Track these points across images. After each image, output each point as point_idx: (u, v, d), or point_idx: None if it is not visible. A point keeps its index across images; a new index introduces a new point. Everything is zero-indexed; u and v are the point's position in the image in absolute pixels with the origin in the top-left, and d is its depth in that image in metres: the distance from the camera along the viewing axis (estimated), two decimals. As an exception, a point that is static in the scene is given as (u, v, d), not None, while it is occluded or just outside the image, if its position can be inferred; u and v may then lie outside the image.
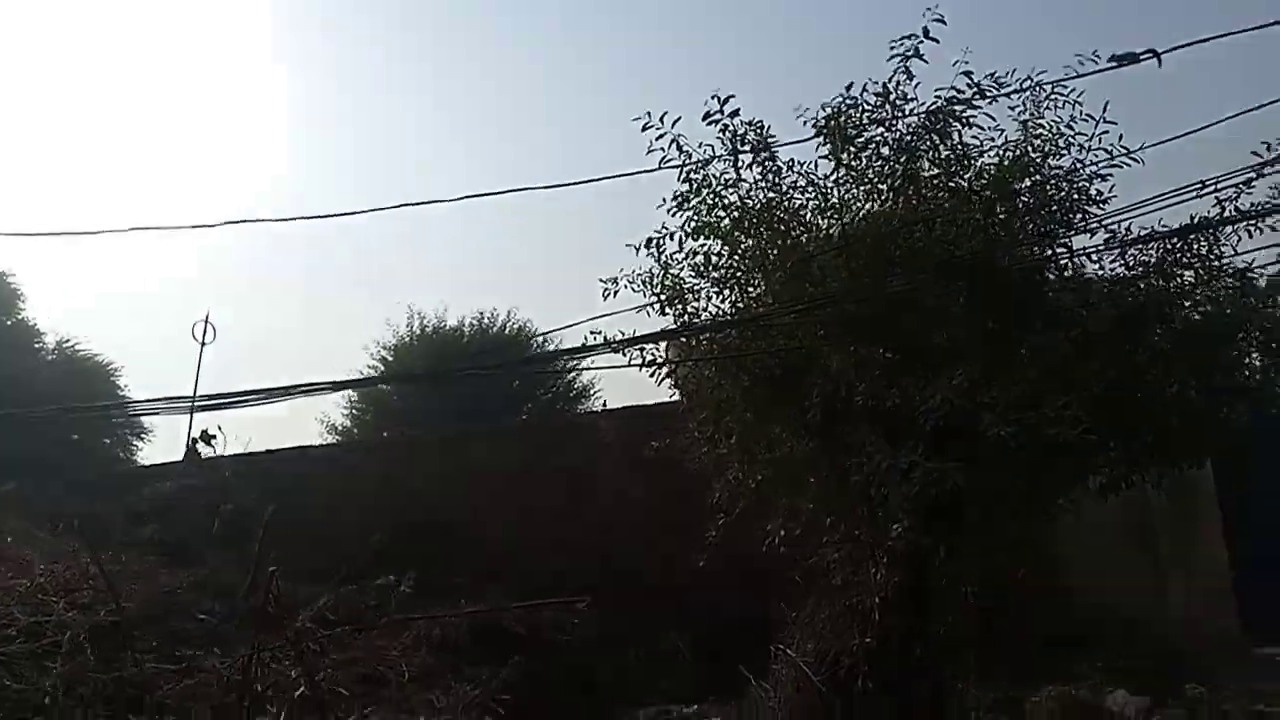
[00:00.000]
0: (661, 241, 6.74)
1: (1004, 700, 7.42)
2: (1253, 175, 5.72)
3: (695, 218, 6.62)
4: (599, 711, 8.17)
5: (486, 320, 20.09)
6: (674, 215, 6.71)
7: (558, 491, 11.83)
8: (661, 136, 6.46)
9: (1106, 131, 6.20)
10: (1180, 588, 10.01)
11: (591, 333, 6.98)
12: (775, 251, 6.69)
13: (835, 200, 6.50)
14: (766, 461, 6.72)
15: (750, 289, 7.01)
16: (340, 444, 18.01)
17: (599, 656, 9.52)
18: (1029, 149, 6.42)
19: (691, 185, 6.55)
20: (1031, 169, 6.36)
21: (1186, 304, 6.39)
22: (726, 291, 7.02)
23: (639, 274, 6.94)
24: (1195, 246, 6.05)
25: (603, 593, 10.76)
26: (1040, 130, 6.43)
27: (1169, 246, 6.07)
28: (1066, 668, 8.41)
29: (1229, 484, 10.22)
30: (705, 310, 7.04)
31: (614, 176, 6.55)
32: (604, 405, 16.87)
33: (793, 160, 6.50)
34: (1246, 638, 9.84)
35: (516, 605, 9.02)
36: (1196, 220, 5.93)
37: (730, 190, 6.57)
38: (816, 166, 6.50)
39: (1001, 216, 6.36)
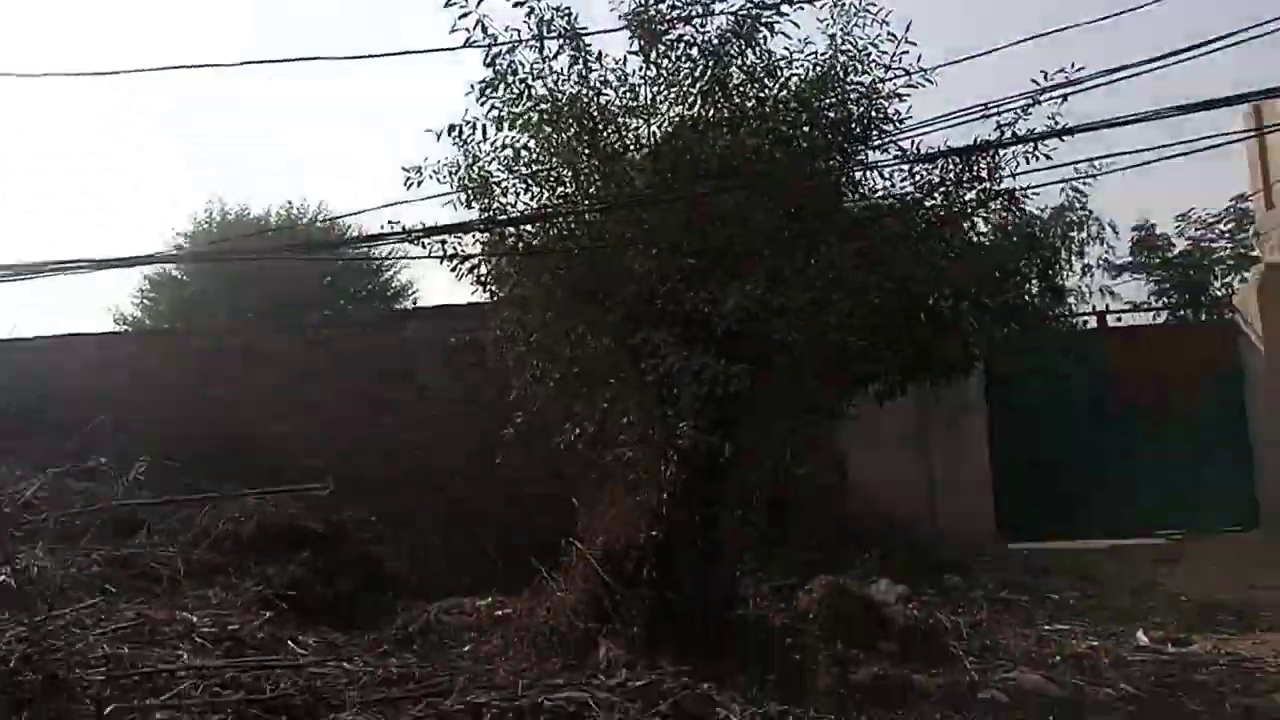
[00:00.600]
0: (466, 130, 6.48)
1: (779, 590, 7.92)
2: (1030, 101, 6.05)
3: (501, 107, 6.40)
4: (391, 607, 8.12)
5: (295, 210, 19.13)
6: (481, 104, 6.46)
7: (363, 389, 11.54)
8: (465, 15, 6.16)
9: (907, 52, 6.39)
10: (947, 490, 10.92)
11: (389, 222, 6.71)
12: (586, 150, 6.58)
13: (645, 100, 6.43)
14: (566, 360, 6.73)
15: (561, 186, 6.89)
16: (122, 333, 16.77)
17: (397, 553, 9.46)
18: (835, 65, 6.53)
19: (497, 72, 6.31)
20: (835, 84, 6.48)
21: (967, 225, 6.76)
22: (536, 188, 6.88)
23: (444, 164, 6.68)
24: (976, 169, 6.37)
25: (408, 491, 10.72)
26: (847, 47, 6.54)
27: (951, 165, 6.38)
28: (842, 563, 9.06)
29: (998, 395, 11.17)
30: (514, 206, 6.88)
31: (398, 54, 6.20)
32: (415, 303, 16.49)
33: (601, 53, 6.36)
34: (1001, 535, 10.91)
35: (254, 491, 8.79)
36: (977, 142, 6.25)
37: (538, 81, 6.37)
38: (626, 61, 6.41)
39: (805, 129, 6.49)
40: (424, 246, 6.73)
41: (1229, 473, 11.25)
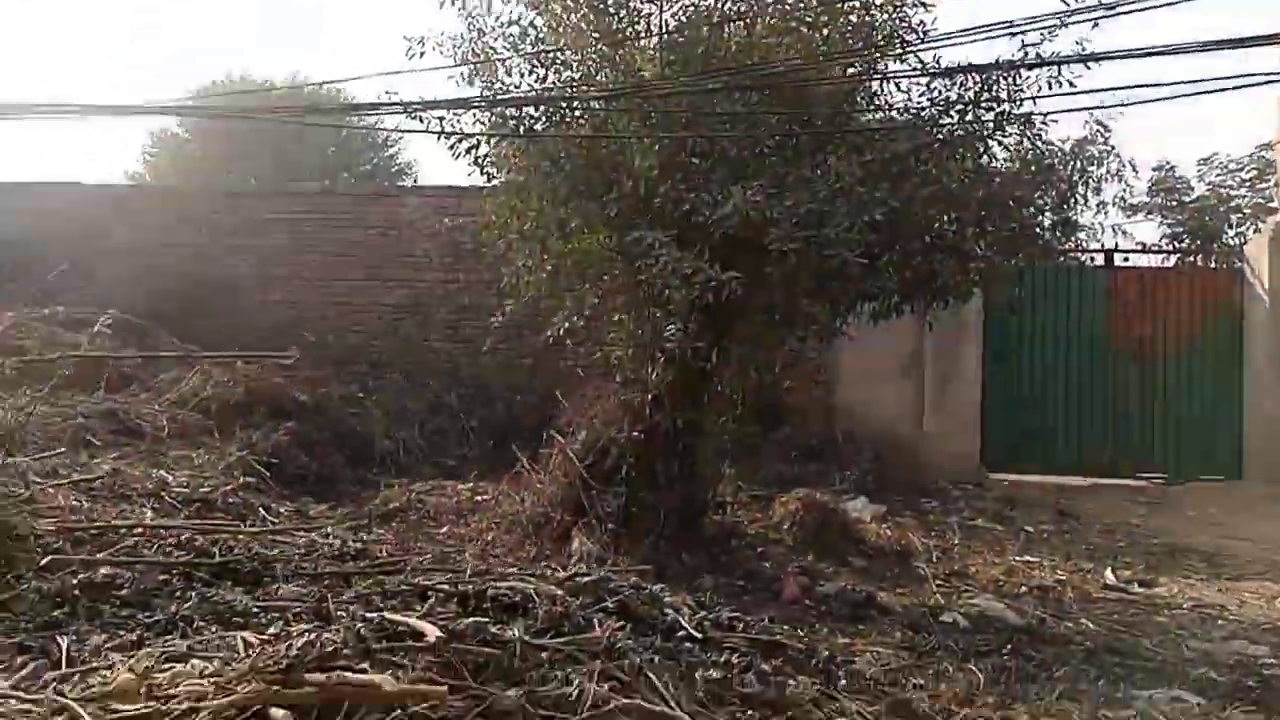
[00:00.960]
0: (471, 1, 6.22)
1: (757, 498, 7.98)
2: (1057, 24, 5.75)
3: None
4: (374, 483, 8.21)
5: (300, 78, 18.79)
6: (489, -25, 6.19)
7: (358, 264, 11.47)
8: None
9: (934, -46, 6.07)
10: (935, 416, 10.91)
11: (387, 92, 6.50)
12: (594, 33, 6.33)
13: (659, -18, 6.15)
14: (558, 252, 6.62)
15: (567, 70, 6.66)
16: (121, 185, 16.51)
17: (384, 431, 9.51)
18: (861, -37, 6.22)
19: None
20: (860, -14, 6.19)
21: (981, 148, 6.52)
22: (541, 70, 6.65)
23: (448, 36, 6.44)
24: (995, 89, 6.11)
25: (397, 369, 10.77)
26: (875, -56, 6.21)
27: (971, 83, 6.11)
28: (823, 478, 9.13)
29: (996, 325, 11.06)
30: (517, 87, 6.66)
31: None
32: (415, 181, 16.23)
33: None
34: (985, 465, 10.95)
35: (218, 355, 8.80)
36: (999, 61, 5.98)
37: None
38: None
39: (824, 31, 6.22)
40: (422, 121, 6.52)
41: (1220, 421, 11.24)
